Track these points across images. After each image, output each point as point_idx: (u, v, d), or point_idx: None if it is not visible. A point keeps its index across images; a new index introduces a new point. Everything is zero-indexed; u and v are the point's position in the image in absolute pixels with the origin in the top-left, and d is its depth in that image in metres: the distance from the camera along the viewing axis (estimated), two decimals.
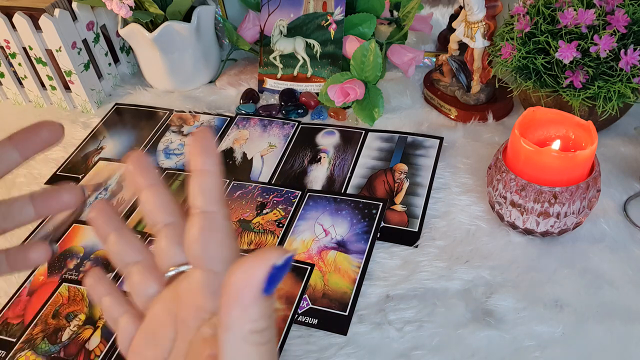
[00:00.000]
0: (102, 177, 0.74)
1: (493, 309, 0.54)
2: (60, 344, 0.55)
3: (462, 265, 0.58)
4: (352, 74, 0.78)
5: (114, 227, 0.31)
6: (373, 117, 0.76)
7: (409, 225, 0.63)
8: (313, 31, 0.82)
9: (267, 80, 0.86)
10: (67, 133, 0.84)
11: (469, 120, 0.76)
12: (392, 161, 0.71)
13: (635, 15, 0.59)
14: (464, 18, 0.70)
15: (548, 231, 0.57)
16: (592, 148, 0.52)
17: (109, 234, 0.31)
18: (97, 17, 0.86)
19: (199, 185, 0.28)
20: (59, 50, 0.80)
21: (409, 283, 0.57)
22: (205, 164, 0.28)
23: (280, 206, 0.66)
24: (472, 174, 0.68)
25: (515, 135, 0.54)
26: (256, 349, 0.25)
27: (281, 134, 0.78)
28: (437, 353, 0.51)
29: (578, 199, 0.54)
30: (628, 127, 0.72)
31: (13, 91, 0.91)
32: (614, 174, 0.66)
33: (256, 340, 0.25)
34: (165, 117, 0.83)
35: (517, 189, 0.55)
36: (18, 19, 0.78)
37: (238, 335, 0.25)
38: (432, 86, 0.80)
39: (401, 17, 0.83)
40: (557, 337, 0.51)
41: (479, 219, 0.63)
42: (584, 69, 0.60)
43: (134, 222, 0.67)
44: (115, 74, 0.93)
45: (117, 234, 0.31)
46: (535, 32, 0.63)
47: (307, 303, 0.56)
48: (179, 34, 0.82)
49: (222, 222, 0.28)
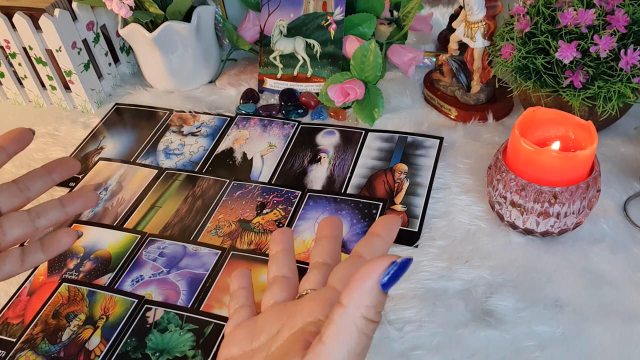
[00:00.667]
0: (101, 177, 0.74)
1: (493, 309, 0.54)
2: (60, 344, 0.55)
3: (462, 265, 0.58)
4: (352, 74, 0.78)
5: (288, 248, 0.41)
6: (373, 117, 0.76)
7: (409, 225, 0.63)
8: (313, 31, 0.82)
9: (267, 80, 0.86)
10: (67, 133, 0.84)
11: (469, 120, 0.76)
12: (392, 161, 0.71)
13: (635, 15, 0.59)
14: (464, 18, 0.70)
15: (548, 231, 0.57)
16: (592, 148, 0.52)
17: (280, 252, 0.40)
18: (97, 17, 0.86)
19: (362, 246, 0.35)
20: (59, 50, 0.80)
21: (409, 283, 0.57)
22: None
23: (280, 206, 0.66)
24: (472, 174, 0.68)
25: (515, 135, 0.54)
26: (358, 335, 0.28)
27: (281, 134, 0.78)
28: (437, 353, 0.51)
29: (578, 199, 0.54)
30: (628, 127, 0.72)
31: (13, 91, 0.91)
32: (614, 174, 0.66)
33: (362, 326, 0.28)
34: (165, 117, 0.83)
35: (517, 189, 0.55)
36: (18, 19, 0.78)
37: (351, 315, 0.28)
38: (432, 86, 0.80)
39: (401, 17, 0.83)
40: (557, 337, 0.51)
41: (479, 219, 0.63)
42: (584, 69, 0.60)
43: (134, 222, 0.67)
44: (115, 74, 0.93)
45: (288, 253, 0.40)
46: (535, 32, 0.63)
47: None
48: (179, 34, 0.82)
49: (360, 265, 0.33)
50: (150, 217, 0.67)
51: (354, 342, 0.28)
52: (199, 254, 0.62)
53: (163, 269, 0.61)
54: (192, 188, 0.71)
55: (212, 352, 0.52)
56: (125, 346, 0.54)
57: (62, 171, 0.49)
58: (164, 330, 0.55)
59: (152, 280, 0.60)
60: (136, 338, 0.55)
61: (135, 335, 0.55)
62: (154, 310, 0.57)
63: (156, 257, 0.62)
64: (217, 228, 0.65)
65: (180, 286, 0.59)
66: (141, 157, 0.77)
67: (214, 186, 0.70)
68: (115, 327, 0.56)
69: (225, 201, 0.68)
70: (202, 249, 0.62)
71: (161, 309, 0.57)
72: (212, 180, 0.71)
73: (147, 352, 0.53)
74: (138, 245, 0.64)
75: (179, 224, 0.66)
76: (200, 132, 0.80)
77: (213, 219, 0.66)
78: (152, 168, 0.75)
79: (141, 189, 0.71)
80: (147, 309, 0.57)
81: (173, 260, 0.62)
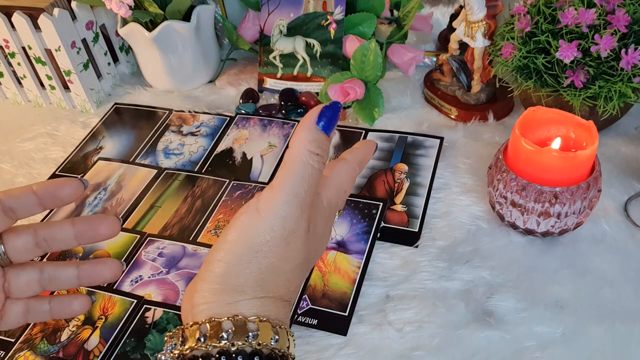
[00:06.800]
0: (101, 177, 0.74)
1: (493, 309, 0.54)
2: (59, 344, 0.55)
3: (463, 266, 0.58)
4: (352, 74, 0.78)
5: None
6: (373, 117, 0.76)
7: (409, 225, 0.63)
8: (313, 31, 0.82)
9: (267, 80, 0.86)
10: (66, 133, 0.84)
11: (470, 120, 0.75)
12: (392, 161, 0.71)
13: (635, 14, 0.59)
14: (465, 17, 0.70)
15: (549, 231, 0.57)
16: (592, 148, 0.52)
17: None
18: (97, 16, 0.86)
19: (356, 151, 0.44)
20: (58, 49, 0.80)
21: (409, 283, 0.57)
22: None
23: None
24: (472, 174, 0.68)
25: (516, 135, 0.54)
26: (303, 163, 0.35)
27: (281, 133, 0.77)
28: (437, 353, 0.51)
29: (579, 199, 0.54)
30: (629, 127, 0.72)
31: (12, 91, 0.91)
32: (614, 173, 0.66)
33: (309, 159, 0.36)
34: (164, 117, 0.83)
35: (518, 189, 0.55)
36: (17, 18, 0.78)
37: (296, 149, 0.36)
38: (433, 86, 0.80)
39: (401, 16, 0.82)
40: (557, 337, 0.51)
41: (480, 219, 0.62)
42: (585, 68, 0.60)
43: (134, 222, 0.67)
44: (114, 73, 0.92)
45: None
46: (536, 32, 0.63)
47: (307, 303, 0.56)
48: (179, 33, 0.81)
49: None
50: (150, 217, 0.67)
51: (301, 169, 0.35)
52: (198, 254, 0.62)
53: (162, 269, 0.61)
54: (192, 188, 0.70)
55: None
56: (124, 346, 0.54)
57: (92, 233, 0.42)
58: (163, 330, 0.55)
59: (151, 281, 0.60)
60: (135, 338, 0.54)
61: (134, 335, 0.55)
62: (153, 311, 0.56)
63: (155, 257, 0.62)
64: (216, 228, 0.65)
65: (179, 286, 0.59)
66: (140, 157, 0.77)
67: (213, 186, 0.70)
68: (114, 327, 0.55)
69: (225, 201, 0.68)
70: (201, 249, 0.62)
71: (160, 309, 0.56)
72: (212, 180, 0.71)
73: (146, 353, 0.53)
74: (137, 245, 0.64)
75: (178, 224, 0.66)
76: (200, 132, 0.80)
77: (213, 219, 0.66)
78: (152, 168, 0.74)
79: (140, 189, 0.71)
80: (146, 309, 0.57)
81: (172, 260, 0.61)
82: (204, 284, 0.35)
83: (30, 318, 0.43)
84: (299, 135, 0.36)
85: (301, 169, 0.35)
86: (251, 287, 0.34)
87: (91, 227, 0.41)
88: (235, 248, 0.35)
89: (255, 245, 0.35)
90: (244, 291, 0.34)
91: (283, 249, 0.35)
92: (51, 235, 0.41)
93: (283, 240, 0.35)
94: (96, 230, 0.41)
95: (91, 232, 0.41)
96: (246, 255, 0.34)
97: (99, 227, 0.41)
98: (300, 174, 0.35)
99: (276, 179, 0.36)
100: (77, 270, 0.43)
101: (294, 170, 0.35)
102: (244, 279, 0.34)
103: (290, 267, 0.36)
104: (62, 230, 0.41)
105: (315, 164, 0.36)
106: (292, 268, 0.36)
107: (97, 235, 0.42)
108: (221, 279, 0.34)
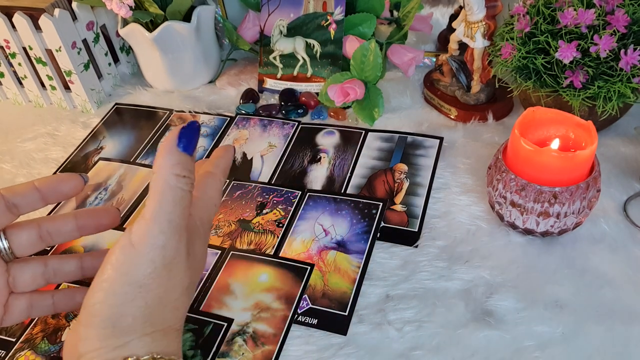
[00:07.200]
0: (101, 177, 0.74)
1: (493, 309, 0.54)
2: (60, 343, 0.55)
3: (462, 265, 0.58)
4: (352, 74, 0.78)
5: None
6: (373, 117, 0.76)
7: (409, 225, 0.63)
8: (313, 31, 0.82)
9: (267, 80, 0.86)
10: (67, 133, 0.84)
11: (469, 120, 0.76)
12: (392, 161, 0.71)
13: (635, 15, 0.59)
14: (464, 18, 0.70)
15: (548, 231, 0.57)
16: (592, 148, 0.52)
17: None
18: (97, 17, 0.86)
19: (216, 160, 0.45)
20: (58, 50, 0.80)
21: (408, 283, 0.57)
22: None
23: (280, 206, 0.66)
24: (472, 174, 0.68)
25: (515, 135, 0.54)
26: (172, 189, 0.35)
27: (281, 134, 0.78)
28: (437, 353, 0.51)
29: (578, 199, 0.54)
30: (628, 127, 0.72)
31: (13, 91, 0.91)
32: (614, 174, 0.66)
33: (177, 182, 0.35)
34: (165, 117, 0.83)
35: (517, 189, 0.55)
36: (18, 18, 0.78)
37: (161, 175, 0.35)
38: (432, 86, 0.80)
39: (401, 17, 0.83)
40: (557, 337, 0.51)
41: (479, 219, 0.63)
42: (584, 69, 0.60)
43: (134, 222, 0.67)
44: (115, 73, 0.93)
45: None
46: (535, 32, 0.63)
47: (307, 303, 0.56)
48: (179, 33, 0.81)
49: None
50: None
51: (170, 194, 0.35)
52: None
53: None
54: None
55: (212, 352, 0.52)
56: None
57: (94, 223, 0.44)
58: None
59: None
60: None
61: None
62: None
63: None
64: (216, 228, 0.65)
65: None
66: (141, 157, 0.77)
67: None
68: None
69: (225, 201, 0.68)
70: None
71: None
72: None
73: None
74: None
75: None
76: (200, 132, 0.80)
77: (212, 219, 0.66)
78: (152, 168, 0.74)
79: (141, 188, 0.71)
80: None
81: None
82: (90, 330, 0.33)
83: (34, 313, 0.43)
84: (162, 161, 0.35)
85: (171, 194, 0.34)
86: (140, 325, 0.33)
87: (93, 218, 0.43)
88: (115, 287, 0.33)
89: (137, 281, 0.33)
90: (134, 330, 0.33)
91: (167, 279, 0.34)
92: (54, 228, 0.42)
93: (165, 270, 0.34)
94: (98, 221, 0.43)
95: (93, 223, 0.43)
96: (129, 293, 0.33)
97: (100, 217, 0.43)
98: (171, 200, 0.34)
99: (147, 209, 0.35)
100: (80, 262, 0.44)
101: (164, 197, 0.34)
102: (131, 318, 0.33)
103: (176, 295, 0.35)
104: (65, 222, 0.42)
105: (184, 187, 0.35)
106: (178, 295, 0.36)
107: (99, 225, 0.43)
108: (108, 323, 0.33)
